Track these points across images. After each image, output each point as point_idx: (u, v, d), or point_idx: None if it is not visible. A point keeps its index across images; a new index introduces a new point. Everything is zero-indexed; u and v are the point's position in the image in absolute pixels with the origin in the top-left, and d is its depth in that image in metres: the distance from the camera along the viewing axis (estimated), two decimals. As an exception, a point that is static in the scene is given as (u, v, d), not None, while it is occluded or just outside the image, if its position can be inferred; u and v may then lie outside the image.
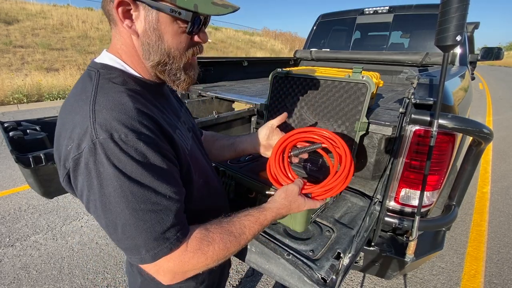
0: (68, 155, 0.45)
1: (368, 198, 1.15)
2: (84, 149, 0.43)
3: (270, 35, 25.97)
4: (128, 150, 0.44)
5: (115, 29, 0.54)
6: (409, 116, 0.97)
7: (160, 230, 0.47)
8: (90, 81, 0.51)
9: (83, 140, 0.43)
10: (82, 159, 0.43)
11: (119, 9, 0.49)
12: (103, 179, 0.43)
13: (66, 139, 0.46)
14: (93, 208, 0.46)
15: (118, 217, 0.45)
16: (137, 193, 0.45)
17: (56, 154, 0.50)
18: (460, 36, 0.73)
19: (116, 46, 0.55)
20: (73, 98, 0.50)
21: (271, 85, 1.44)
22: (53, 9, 13.60)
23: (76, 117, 0.46)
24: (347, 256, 0.80)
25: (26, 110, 6.24)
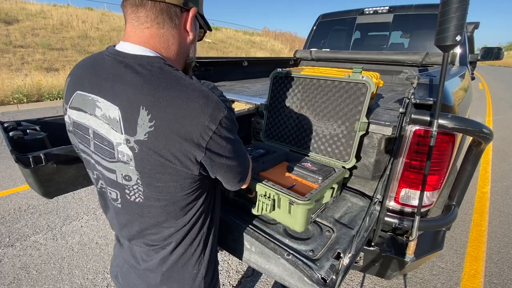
0: (206, 128, 0.52)
1: (368, 198, 1.15)
2: (223, 117, 0.54)
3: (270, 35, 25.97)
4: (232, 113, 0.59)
5: (170, 30, 0.61)
6: (409, 116, 0.97)
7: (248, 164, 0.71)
8: (172, 71, 0.56)
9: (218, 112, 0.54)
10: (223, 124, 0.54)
11: (191, 17, 0.62)
12: (234, 131, 0.59)
13: (196, 118, 0.52)
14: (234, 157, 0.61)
15: (242, 154, 0.65)
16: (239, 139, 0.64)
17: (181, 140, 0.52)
18: (460, 36, 0.73)
19: (160, 45, 0.60)
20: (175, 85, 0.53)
21: (271, 85, 1.44)
22: (53, 9, 13.60)
23: (198, 100, 0.52)
24: (347, 256, 0.80)
25: (26, 110, 6.24)
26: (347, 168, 1.16)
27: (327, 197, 1.02)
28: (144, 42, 0.58)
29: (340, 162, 1.19)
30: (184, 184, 0.60)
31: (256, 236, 0.87)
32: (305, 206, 0.84)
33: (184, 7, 0.60)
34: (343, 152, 1.19)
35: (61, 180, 0.93)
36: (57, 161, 0.87)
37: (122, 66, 0.55)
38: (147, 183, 0.58)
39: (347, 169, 1.16)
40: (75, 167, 0.95)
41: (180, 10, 0.60)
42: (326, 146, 1.25)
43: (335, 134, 1.22)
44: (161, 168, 0.55)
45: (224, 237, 0.93)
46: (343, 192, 1.20)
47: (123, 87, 0.54)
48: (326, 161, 1.23)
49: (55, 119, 1.16)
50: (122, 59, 0.56)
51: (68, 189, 0.97)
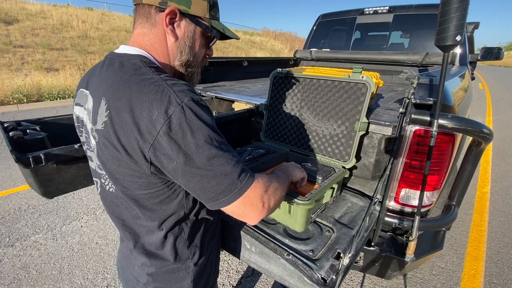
0: (155, 122, 0.49)
1: (368, 198, 1.15)
2: (174, 112, 0.50)
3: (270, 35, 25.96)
4: (204, 109, 0.54)
5: (151, 29, 0.62)
6: (409, 116, 0.97)
7: (241, 165, 0.56)
8: (141, 66, 0.57)
9: (169, 107, 0.50)
10: (174, 121, 0.49)
11: (167, 17, 0.60)
12: (195, 133, 0.51)
13: (146, 110, 0.50)
14: (192, 164, 0.52)
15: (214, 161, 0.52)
16: (219, 140, 0.54)
17: (133, 126, 0.51)
18: (460, 36, 0.73)
19: (144, 43, 0.63)
20: (136, 77, 0.54)
21: (271, 85, 1.44)
22: (53, 9, 13.60)
23: (151, 92, 0.51)
24: (347, 256, 0.80)
25: (26, 110, 6.24)
26: (347, 168, 1.16)
27: (327, 197, 1.02)
28: (134, 42, 0.63)
29: (340, 162, 1.19)
30: (140, 183, 0.58)
31: (256, 236, 0.87)
32: (305, 206, 0.84)
33: (160, 6, 0.60)
34: (343, 152, 1.19)
35: (61, 180, 0.93)
36: (57, 161, 0.87)
37: (109, 64, 0.60)
38: (109, 173, 0.61)
39: (347, 169, 1.16)
40: (75, 167, 0.95)
41: (157, 10, 0.60)
42: (326, 146, 1.25)
43: (335, 134, 1.22)
44: (115, 160, 0.56)
45: (224, 237, 0.93)
46: (343, 192, 1.20)
47: (102, 81, 0.59)
48: (326, 161, 1.23)
49: (55, 119, 1.16)
50: (112, 58, 0.61)
51: (68, 189, 0.97)
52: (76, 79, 8.37)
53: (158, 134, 0.50)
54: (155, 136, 0.50)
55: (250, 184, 0.56)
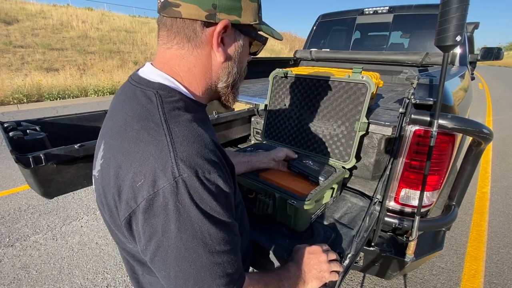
0: (135, 192, 0.39)
1: (368, 198, 1.15)
2: (163, 188, 0.38)
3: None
4: (211, 187, 0.41)
5: (193, 50, 0.49)
6: (409, 116, 0.97)
7: (231, 272, 0.44)
8: (152, 105, 0.45)
9: (160, 177, 0.38)
10: (159, 199, 0.38)
11: (219, 34, 0.48)
12: (182, 223, 0.39)
13: (132, 172, 0.40)
14: (162, 256, 0.40)
15: (193, 264, 0.40)
16: (214, 234, 0.41)
17: (112, 187, 0.43)
18: (460, 36, 0.73)
19: (180, 68, 0.51)
20: (137, 124, 0.43)
21: (271, 85, 1.44)
22: (53, 9, 13.60)
23: (149, 148, 0.40)
24: (347, 256, 0.80)
25: (26, 110, 6.24)
26: (347, 168, 1.16)
27: (327, 197, 1.02)
28: (163, 64, 0.51)
29: (340, 162, 1.19)
30: (126, 247, 0.50)
31: (256, 236, 0.87)
32: (305, 206, 0.84)
33: (208, 21, 0.47)
34: (343, 152, 1.19)
35: (61, 180, 0.93)
36: (57, 161, 0.87)
37: (126, 91, 0.52)
38: (105, 222, 0.53)
39: (347, 169, 1.16)
40: (75, 167, 0.95)
41: (203, 26, 0.48)
42: (326, 146, 1.25)
43: (335, 134, 1.22)
44: (104, 214, 0.49)
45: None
46: (343, 192, 1.20)
47: (110, 115, 0.51)
48: (326, 161, 1.23)
49: (55, 119, 1.16)
50: (134, 84, 0.51)
51: (68, 189, 0.97)
52: (76, 79, 8.37)
53: (137, 208, 0.39)
54: (133, 209, 0.40)
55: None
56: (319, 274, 0.65)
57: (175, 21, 0.48)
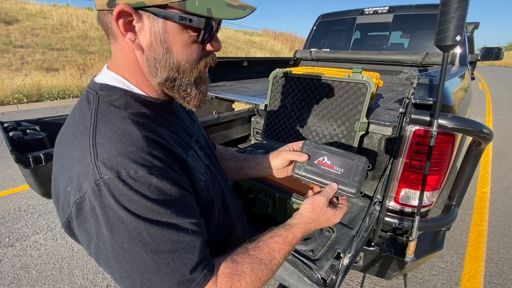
0: (67, 198, 0.39)
1: (368, 198, 1.15)
2: (87, 192, 0.37)
3: (270, 35, 25.97)
4: (140, 188, 0.38)
5: (115, 43, 0.47)
6: (409, 116, 0.97)
7: (185, 272, 0.41)
8: (89, 106, 0.45)
9: (84, 181, 0.37)
10: (86, 203, 0.38)
11: (120, 21, 0.42)
12: (113, 225, 0.37)
13: (64, 178, 0.40)
14: (104, 259, 0.40)
15: (135, 265, 0.39)
16: (155, 234, 0.39)
17: (53, 194, 0.44)
18: (460, 36, 0.73)
19: (117, 63, 0.49)
20: (71, 129, 0.44)
21: (271, 85, 1.44)
22: (53, 9, 13.60)
23: (75, 153, 0.40)
24: (347, 256, 0.80)
25: (26, 110, 6.24)
26: (347, 168, 1.16)
27: (327, 197, 1.02)
28: (112, 61, 0.51)
29: (340, 162, 1.19)
30: None
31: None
32: (305, 206, 0.84)
33: (110, 8, 0.43)
34: (343, 152, 1.19)
35: (61, 180, 0.93)
36: (57, 161, 0.87)
37: (79, 101, 0.50)
38: None
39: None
40: (75, 167, 0.95)
41: (109, 15, 0.44)
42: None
43: (335, 134, 1.22)
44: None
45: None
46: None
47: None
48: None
49: (55, 119, 1.16)
50: (86, 89, 0.51)
51: (68, 189, 0.97)
52: (76, 79, 8.37)
53: (72, 212, 0.39)
54: (68, 213, 0.40)
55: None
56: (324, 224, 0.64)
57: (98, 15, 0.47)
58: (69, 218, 0.40)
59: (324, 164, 0.67)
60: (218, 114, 1.50)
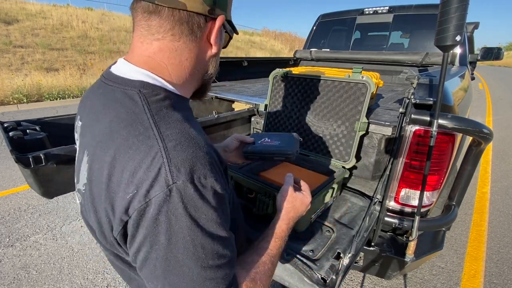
0: (128, 204, 0.37)
1: (368, 198, 1.15)
2: (155, 197, 0.36)
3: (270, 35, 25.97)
4: (207, 194, 0.38)
5: (189, 43, 0.48)
6: (409, 116, 0.97)
7: (224, 285, 0.41)
8: (137, 106, 0.42)
9: (153, 186, 0.36)
10: (150, 209, 0.36)
11: (216, 28, 0.49)
12: (173, 234, 0.36)
13: (123, 184, 0.37)
14: (150, 268, 0.39)
15: (182, 278, 0.38)
16: (208, 248, 0.39)
17: (107, 203, 0.40)
18: (460, 36, 0.74)
19: (170, 61, 0.48)
20: (124, 130, 0.40)
21: (271, 85, 1.44)
22: (53, 9, 13.60)
23: (139, 156, 0.37)
24: (347, 256, 0.80)
25: (26, 110, 6.24)
26: (347, 168, 1.16)
27: (327, 197, 1.02)
28: (146, 58, 0.47)
29: (340, 162, 1.19)
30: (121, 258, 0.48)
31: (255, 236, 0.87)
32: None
33: (210, 15, 0.48)
34: (343, 152, 1.19)
35: (61, 180, 0.93)
36: (57, 161, 0.87)
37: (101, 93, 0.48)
38: (95, 237, 0.49)
39: (347, 169, 1.16)
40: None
41: (205, 20, 0.48)
42: (326, 146, 1.25)
43: (335, 134, 1.22)
44: (95, 230, 0.46)
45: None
46: (343, 192, 1.20)
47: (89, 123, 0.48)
48: (326, 161, 1.23)
49: (55, 119, 1.16)
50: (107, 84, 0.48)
51: (68, 189, 0.97)
52: (76, 79, 8.37)
53: (130, 219, 0.37)
54: (126, 222, 0.38)
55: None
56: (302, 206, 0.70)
57: (175, 12, 0.45)
58: (126, 225, 0.38)
59: (265, 142, 0.87)
60: (218, 114, 1.50)
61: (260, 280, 0.50)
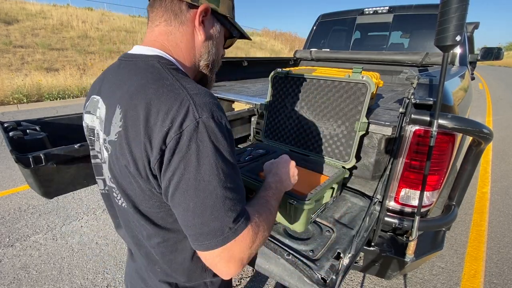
0: (165, 135, 0.45)
1: (368, 198, 1.15)
2: (187, 127, 0.44)
3: (270, 35, 25.96)
4: (223, 130, 0.48)
5: (179, 27, 0.57)
6: (409, 116, 0.97)
7: (239, 209, 0.49)
8: (160, 70, 0.52)
9: (185, 120, 0.45)
10: (184, 137, 0.44)
11: (201, 14, 0.57)
12: (201, 157, 0.45)
13: (160, 121, 0.45)
14: (184, 188, 0.46)
15: (211, 195, 0.46)
16: (227, 172, 0.47)
17: (145, 140, 0.46)
18: (460, 36, 0.73)
19: (169, 43, 0.58)
20: (154, 84, 0.49)
21: (271, 85, 1.44)
22: (53, 9, 13.60)
23: (170, 100, 0.46)
24: (347, 256, 0.80)
25: (26, 110, 6.24)
26: (347, 168, 1.16)
27: (327, 197, 1.02)
28: (153, 41, 0.58)
29: (340, 162, 1.19)
30: (152, 203, 0.53)
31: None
32: (305, 206, 0.84)
33: (192, 3, 0.56)
34: (343, 152, 1.19)
35: (61, 180, 0.93)
36: (57, 161, 0.87)
37: (123, 67, 0.56)
38: (120, 188, 0.55)
39: (347, 169, 1.16)
40: (75, 167, 0.95)
41: (188, 6, 0.56)
42: (326, 146, 1.25)
43: (335, 134, 1.22)
44: (126, 175, 0.51)
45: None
46: (343, 192, 1.20)
47: (116, 87, 0.55)
48: (326, 161, 1.23)
49: (55, 119, 1.16)
50: (126, 60, 0.57)
51: (68, 189, 0.97)
52: (76, 79, 8.37)
53: (166, 148, 0.45)
54: (164, 150, 0.45)
55: (239, 232, 0.48)
56: (293, 177, 0.78)
57: (163, 1, 0.56)
58: (163, 153, 0.45)
59: None
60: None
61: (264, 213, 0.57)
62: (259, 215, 0.55)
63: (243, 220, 0.49)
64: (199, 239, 0.48)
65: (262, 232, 0.54)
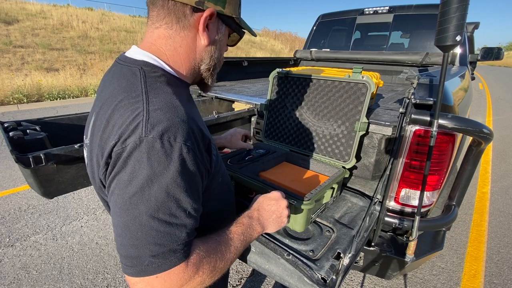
0: (111, 148, 0.44)
1: (368, 198, 1.15)
2: (130, 144, 0.43)
3: (270, 35, 25.96)
4: (173, 154, 0.44)
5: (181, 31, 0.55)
6: (409, 116, 0.97)
7: (169, 245, 0.45)
8: (136, 79, 0.51)
9: (130, 136, 0.43)
10: (124, 153, 0.43)
11: (205, 19, 0.54)
12: (134, 177, 0.43)
13: (112, 134, 0.45)
14: (113, 203, 0.45)
15: (133, 220, 0.43)
16: (161, 201, 0.43)
17: (99, 150, 0.48)
18: (460, 36, 0.73)
19: (166, 47, 0.56)
20: (121, 95, 0.49)
21: (271, 85, 1.44)
22: (53, 9, 13.60)
23: (127, 114, 0.45)
24: (347, 256, 0.80)
25: (26, 110, 6.24)
26: (347, 168, 1.16)
27: (327, 197, 1.02)
28: (150, 44, 0.56)
29: (340, 162, 1.19)
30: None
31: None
32: (305, 206, 0.84)
33: (197, 6, 0.53)
34: (343, 152, 1.19)
35: (61, 180, 0.93)
36: (57, 161, 0.87)
37: (113, 70, 0.57)
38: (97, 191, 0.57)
39: (347, 169, 1.16)
40: (75, 167, 0.95)
41: (192, 10, 0.54)
42: (326, 146, 1.25)
43: (335, 134, 1.22)
44: (93, 179, 0.54)
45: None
46: (343, 192, 1.20)
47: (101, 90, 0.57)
48: (326, 161, 1.23)
49: (55, 119, 1.16)
50: (118, 62, 0.57)
51: (68, 189, 0.97)
52: (76, 79, 8.37)
53: (111, 161, 0.45)
54: (108, 163, 0.46)
55: (164, 269, 0.44)
56: (279, 219, 0.72)
57: (166, 2, 0.53)
58: (107, 166, 0.46)
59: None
60: (218, 114, 1.50)
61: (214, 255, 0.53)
62: (207, 256, 0.51)
63: (174, 258, 0.45)
64: (121, 259, 0.46)
65: (201, 277, 0.49)
